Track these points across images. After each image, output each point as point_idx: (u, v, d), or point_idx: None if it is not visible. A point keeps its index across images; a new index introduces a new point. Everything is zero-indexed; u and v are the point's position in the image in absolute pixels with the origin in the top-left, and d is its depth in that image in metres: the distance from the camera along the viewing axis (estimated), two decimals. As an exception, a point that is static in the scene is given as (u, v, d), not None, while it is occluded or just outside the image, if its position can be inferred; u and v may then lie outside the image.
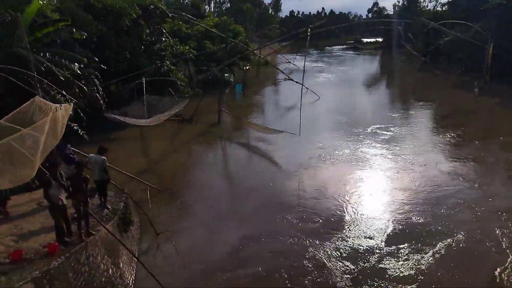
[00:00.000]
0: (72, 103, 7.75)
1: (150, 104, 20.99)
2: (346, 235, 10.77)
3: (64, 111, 6.67)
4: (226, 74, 35.50)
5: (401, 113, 26.67)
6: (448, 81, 38.68)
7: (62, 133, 6.57)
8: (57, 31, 16.06)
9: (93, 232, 8.17)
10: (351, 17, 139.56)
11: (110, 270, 8.18)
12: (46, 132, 5.86)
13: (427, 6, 77.95)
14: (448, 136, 20.13)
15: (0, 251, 6.96)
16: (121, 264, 8.78)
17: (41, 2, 16.54)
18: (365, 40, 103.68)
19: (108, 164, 10.00)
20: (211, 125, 23.29)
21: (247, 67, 40.75)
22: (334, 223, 11.48)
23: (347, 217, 11.84)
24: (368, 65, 63.64)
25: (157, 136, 20.59)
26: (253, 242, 10.56)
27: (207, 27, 34.85)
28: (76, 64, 16.19)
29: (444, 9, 60.76)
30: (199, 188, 14.50)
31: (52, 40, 16.40)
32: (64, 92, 16.00)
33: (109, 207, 10.08)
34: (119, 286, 8.27)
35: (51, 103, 6.83)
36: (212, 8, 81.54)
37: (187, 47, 30.65)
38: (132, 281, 8.92)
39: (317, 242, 10.40)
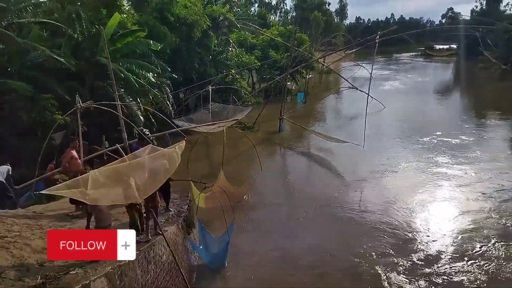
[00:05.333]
0: (184, 141, 8.66)
1: (214, 111, 21.83)
2: (412, 255, 10.18)
3: (178, 149, 7.59)
4: (288, 83, 35.66)
5: (475, 124, 24.76)
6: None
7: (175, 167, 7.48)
8: (136, 42, 17.41)
9: (160, 232, 8.64)
10: (423, 23, 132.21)
11: (173, 271, 8.60)
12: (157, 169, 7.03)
13: (510, 9, 71.44)
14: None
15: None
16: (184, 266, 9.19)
17: (122, 16, 18.11)
18: (437, 46, 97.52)
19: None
20: (272, 132, 23.51)
21: (310, 75, 40.50)
22: (399, 240, 10.90)
23: (414, 234, 11.19)
24: (440, 73, 59.81)
25: (220, 142, 21.21)
26: (313, 254, 10.41)
27: (272, 36, 35.37)
28: (151, 73, 17.40)
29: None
30: (260, 194, 14.69)
31: (131, 51, 17.80)
32: (139, 99, 17.35)
33: (172, 209, 10.52)
34: None
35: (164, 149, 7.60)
36: (278, 18, 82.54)
37: (252, 57, 31.36)
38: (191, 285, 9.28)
39: (379, 261, 9.98)
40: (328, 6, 76.70)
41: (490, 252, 10.15)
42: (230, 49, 28.67)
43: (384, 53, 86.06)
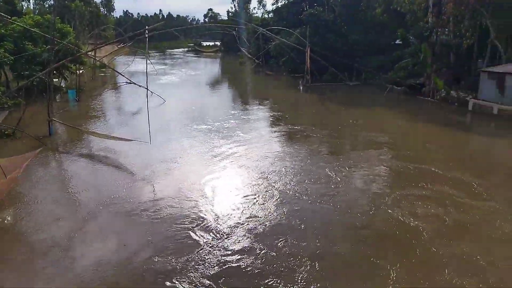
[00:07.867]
0: None
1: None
2: (205, 242, 11.04)
3: None
4: (55, 79, 31.61)
5: (240, 110, 29.16)
6: (277, 80, 44.18)
7: None
8: None
9: None
10: (189, 21, 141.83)
11: None
12: None
13: (256, 13, 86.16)
14: (282, 124, 23.36)
15: None
16: None
17: None
18: (204, 43, 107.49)
19: None
20: (42, 137, 20.22)
21: (81, 71, 37.03)
22: (192, 225, 11.48)
23: (204, 218, 12.05)
24: (209, 67, 66.30)
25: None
26: (103, 270, 9.57)
27: (26, 26, 30.05)
28: None
29: (270, 16, 67.98)
30: (31, 214, 12.39)
31: None
32: None
33: None
34: None
35: None
36: (32, 5, 70.79)
37: (1, 50, 25.89)
38: None
39: (174, 258, 10.38)
40: (91, -4, 71.24)
41: (271, 221, 12.24)
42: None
43: (157, 48, 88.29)
